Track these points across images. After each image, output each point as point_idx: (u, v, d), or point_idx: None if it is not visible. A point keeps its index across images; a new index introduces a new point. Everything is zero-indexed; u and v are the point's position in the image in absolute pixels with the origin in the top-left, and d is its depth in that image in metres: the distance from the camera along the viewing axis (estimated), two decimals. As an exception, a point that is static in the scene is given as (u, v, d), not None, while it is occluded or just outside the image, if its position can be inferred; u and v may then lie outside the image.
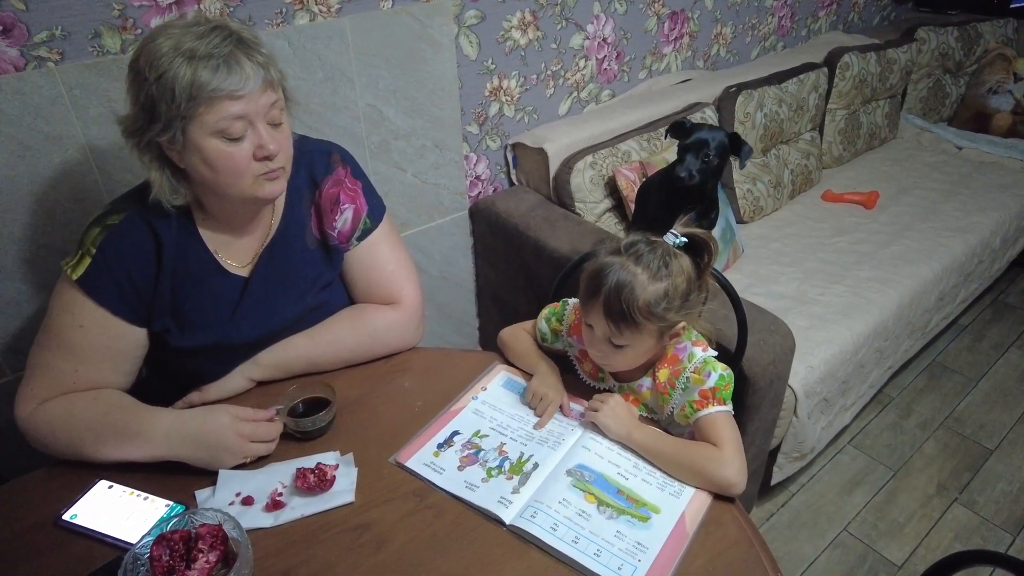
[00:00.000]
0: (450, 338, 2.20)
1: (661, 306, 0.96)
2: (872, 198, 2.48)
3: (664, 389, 1.03)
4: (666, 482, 0.95)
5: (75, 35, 1.25)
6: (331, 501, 0.92)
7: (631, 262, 0.97)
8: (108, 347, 1.01)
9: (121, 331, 1.02)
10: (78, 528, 0.88)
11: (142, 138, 0.93)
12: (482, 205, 2.00)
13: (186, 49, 0.88)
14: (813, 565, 1.77)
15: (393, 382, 1.14)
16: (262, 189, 0.98)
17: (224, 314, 1.08)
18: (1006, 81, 3.00)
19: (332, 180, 1.14)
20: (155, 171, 0.96)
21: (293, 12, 1.49)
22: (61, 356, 1.00)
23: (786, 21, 2.80)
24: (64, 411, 0.98)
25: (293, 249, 1.12)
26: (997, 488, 1.98)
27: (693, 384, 1.00)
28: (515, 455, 0.99)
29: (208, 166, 0.93)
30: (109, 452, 0.96)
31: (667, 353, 1.05)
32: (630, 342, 0.99)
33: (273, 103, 0.95)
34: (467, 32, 1.79)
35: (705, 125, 1.68)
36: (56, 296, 1.01)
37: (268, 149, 0.94)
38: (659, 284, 0.96)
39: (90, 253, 0.98)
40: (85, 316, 0.99)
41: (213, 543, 0.80)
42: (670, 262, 0.98)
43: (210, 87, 0.88)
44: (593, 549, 0.84)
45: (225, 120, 0.90)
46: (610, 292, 0.96)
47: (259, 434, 0.98)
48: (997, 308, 2.74)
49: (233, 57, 0.89)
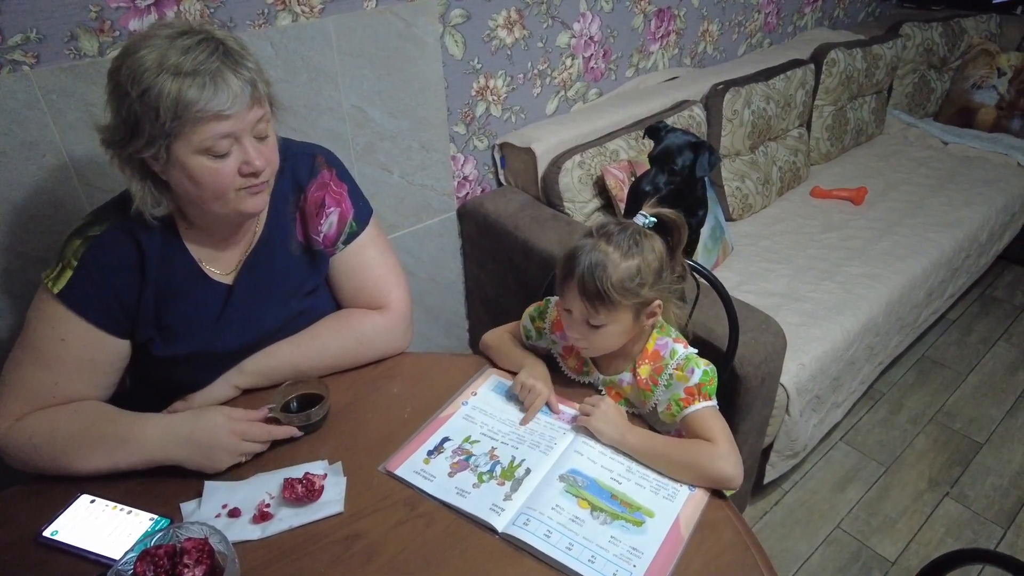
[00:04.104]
0: (440, 341, 2.19)
1: (635, 282, 0.98)
2: (860, 194, 2.49)
3: (646, 386, 1.04)
4: (660, 485, 0.94)
5: (51, 38, 1.22)
6: (320, 512, 0.90)
7: (603, 242, 1.00)
8: (89, 360, 0.99)
9: (103, 343, 0.99)
10: (60, 545, 0.86)
11: (123, 151, 0.91)
12: (470, 206, 1.98)
13: (171, 65, 0.85)
14: (807, 563, 1.77)
15: (381, 388, 1.12)
16: (244, 204, 0.96)
17: (207, 322, 1.06)
18: (990, 76, 3.02)
19: (317, 184, 1.12)
20: (136, 182, 0.93)
21: (275, 13, 1.47)
22: (39, 370, 0.97)
23: (772, 18, 2.80)
24: (46, 426, 0.95)
25: (276, 256, 1.10)
26: (987, 482, 1.99)
27: (677, 381, 1.01)
28: (506, 459, 0.97)
29: (192, 182, 0.91)
30: (99, 462, 0.93)
31: (648, 349, 1.06)
32: (607, 321, 1.00)
33: (260, 118, 0.93)
34: (452, 31, 1.77)
35: (677, 131, 1.66)
36: (35, 309, 0.98)
37: (255, 165, 0.92)
38: (631, 261, 0.99)
39: (71, 266, 0.96)
40: (66, 330, 0.96)
41: (199, 558, 0.78)
42: (640, 241, 1.01)
43: (196, 107, 0.85)
44: (587, 556, 0.83)
45: (211, 139, 0.88)
46: (584, 272, 0.98)
47: (253, 433, 0.96)
48: (984, 302, 2.75)
49: (220, 75, 0.86)
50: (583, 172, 1.92)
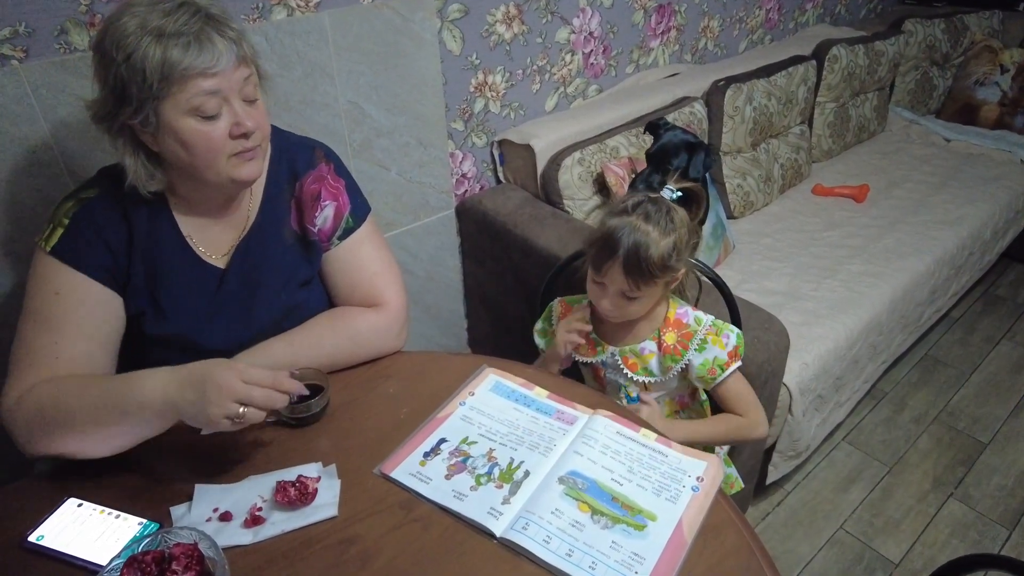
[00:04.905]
0: (439, 340, 2.16)
1: (673, 258, 1.07)
2: (863, 191, 2.47)
3: (673, 350, 1.17)
4: (662, 487, 0.91)
5: (40, 32, 1.19)
6: (313, 515, 0.87)
7: (641, 221, 1.06)
8: (85, 317, 0.97)
9: (98, 297, 0.98)
10: (46, 550, 0.84)
11: (113, 122, 0.91)
12: (469, 203, 1.96)
13: (154, 27, 0.85)
14: (810, 564, 1.75)
15: (377, 388, 1.10)
16: (238, 171, 0.95)
17: (200, 305, 1.05)
18: (993, 73, 3.00)
19: (313, 176, 1.11)
20: (129, 156, 0.94)
21: (270, 7, 1.44)
22: (38, 332, 0.95)
23: (773, 14, 2.78)
24: (52, 389, 0.91)
25: (269, 243, 1.09)
26: (992, 482, 1.97)
27: (712, 344, 1.15)
28: (505, 461, 0.95)
29: (183, 147, 0.91)
30: (105, 416, 0.88)
31: (670, 318, 1.18)
32: (643, 294, 1.09)
33: (246, 78, 0.92)
34: (450, 27, 1.75)
35: (677, 129, 1.64)
36: (30, 275, 0.98)
37: (245, 125, 0.92)
38: (669, 238, 1.06)
39: (62, 224, 0.97)
40: (60, 283, 0.95)
41: (188, 564, 0.75)
42: (674, 216, 1.08)
43: (182, 66, 0.85)
44: (588, 562, 0.81)
45: (199, 97, 0.88)
46: (628, 252, 1.06)
47: (253, 374, 0.86)
48: (988, 300, 2.73)
49: (204, 34, 0.87)
50: (583, 169, 1.90)
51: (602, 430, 0.99)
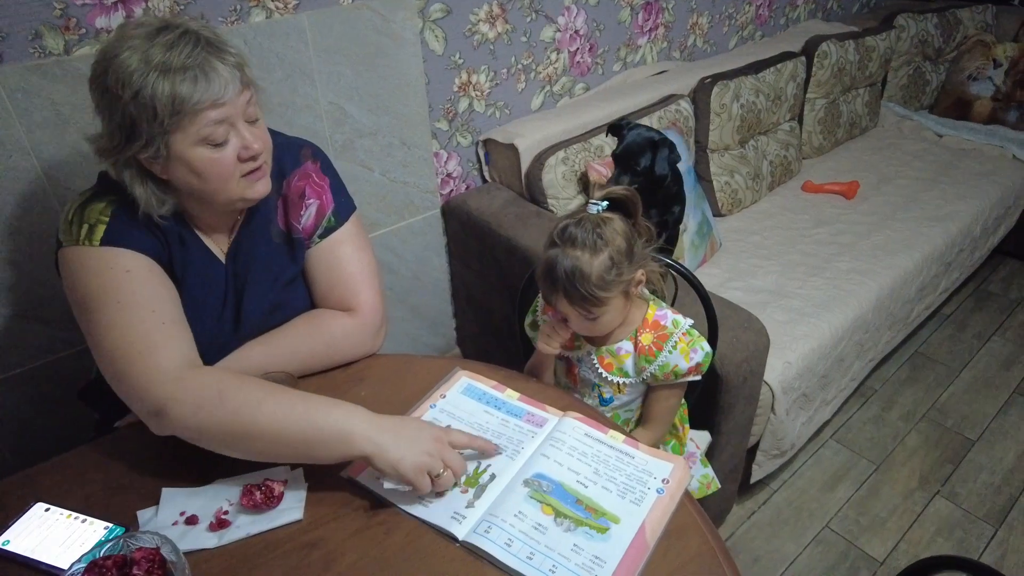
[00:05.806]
0: (427, 339, 2.17)
1: (612, 272, 1.05)
2: (852, 188, 2.46)
3: (648, 351, 1.15)
4: (627, 489, 0.91)
5: (14, 36, 1.20)
6: (278, 519, 0.88)
7: (569, 247, 1.05)
8: (160, 293, 0.95)
9: (162, 276, 0.98)
10: (11, 555, 0.84)
11: (120, 156, 0.90)
12: (454, 203, 1.96)
13: (158, 63, 0.85)
14: (794, 563, 1.75)
15: (349, 391, 1.10)
16: (250, 190, 0.98)
17: (214, 307, 1.07)
18: (986, 67, 2.98)
19: (300, 173, 1.12)
20: (138, 186, 0.93)
21: (248, 9, 1.44)
22: (129, 314, 0.91)
23: (764, 10, 2.76)
24: (231, 376, 0.92)
25: (258, 241, 1.10)
26: (979, 480, 1.97)
27: (680, 353, 1.13)
28: (472, 465, 0.95)
29: (195, 175, 0.92)
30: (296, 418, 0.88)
31: (648, 319, 1.17)
32: (601, 312, 1.08)
33: (249, 100, 0.94)
34: (432, 26, 1.75)
35: (640, 127, 1.63)
36: (80, 281, 0.93)
37: (253, 148, 0.94)
38: (602, 255, 1.04)
39: (103, 221, 0.94)
40: (126, 262, 0.93)
41: (149, 568, 0.76)
42: (602, 230, 1.05)
43: (192, 100, 0.86)
44: (548, 565, 0.81)
45: (208, 127, 0.89)
46: (565, 283, 1.05)
47: (456, 438, 0.92)
48: (979, 297, 2.72)
49: (208, 64, 0.87)
50: (567, 168, 1.90)
51: (570, 432, 0.99)
